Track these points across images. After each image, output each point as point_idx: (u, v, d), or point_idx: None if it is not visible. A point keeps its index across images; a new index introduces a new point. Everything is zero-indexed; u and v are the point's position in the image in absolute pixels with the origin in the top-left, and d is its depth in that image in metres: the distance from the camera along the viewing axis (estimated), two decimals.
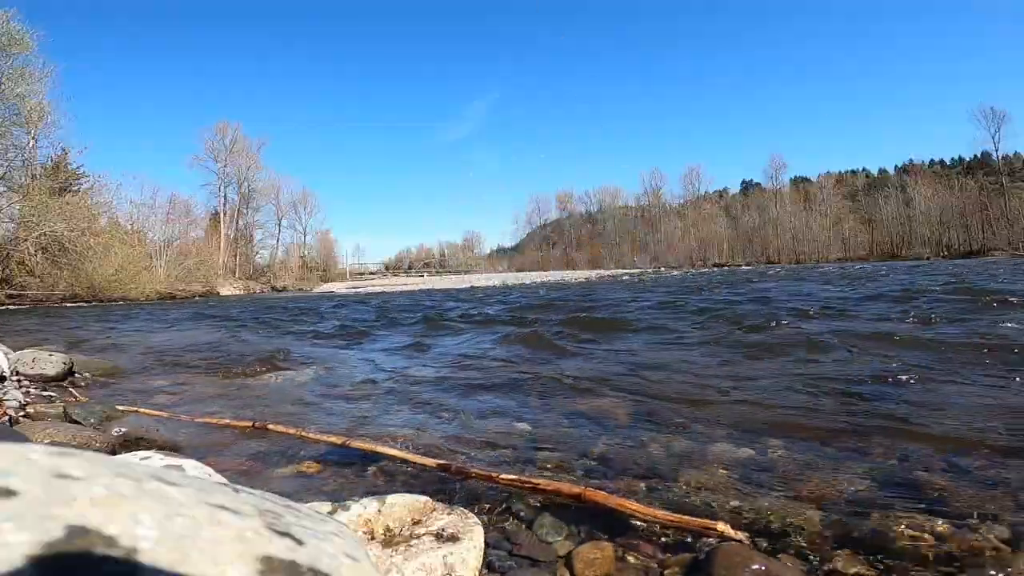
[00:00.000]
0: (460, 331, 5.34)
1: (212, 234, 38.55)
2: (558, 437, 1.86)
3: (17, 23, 19.96)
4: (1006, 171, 48.93)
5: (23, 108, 20.40)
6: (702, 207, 65.29)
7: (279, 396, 2.72)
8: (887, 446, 1.59)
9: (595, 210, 75.53)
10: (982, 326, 3.57)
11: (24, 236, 18.35)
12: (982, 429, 1.67)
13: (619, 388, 2.50)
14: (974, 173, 52.11)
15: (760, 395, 2.25)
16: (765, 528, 1.16)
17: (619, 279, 24.21)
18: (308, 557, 0.42)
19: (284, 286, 36.45)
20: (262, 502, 0.50)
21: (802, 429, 1.79)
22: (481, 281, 28.97)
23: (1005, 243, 42.09)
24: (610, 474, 1.51)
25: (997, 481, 1.31)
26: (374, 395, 2.66)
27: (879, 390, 2.22)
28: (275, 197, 46.16)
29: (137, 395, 2.77)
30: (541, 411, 2.22)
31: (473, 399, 2.49)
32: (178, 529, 0.37)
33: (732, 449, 1.64)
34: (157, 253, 28.45)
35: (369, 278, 54.17)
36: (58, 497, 0.35)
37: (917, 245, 49.27)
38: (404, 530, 1.00)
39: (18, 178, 20.52)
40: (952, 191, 49.73)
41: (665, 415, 2.04)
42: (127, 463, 0.46)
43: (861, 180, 63.09)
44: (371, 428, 2.07)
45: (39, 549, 0.31)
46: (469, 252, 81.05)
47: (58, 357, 3.23)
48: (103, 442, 1.82)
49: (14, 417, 2.15)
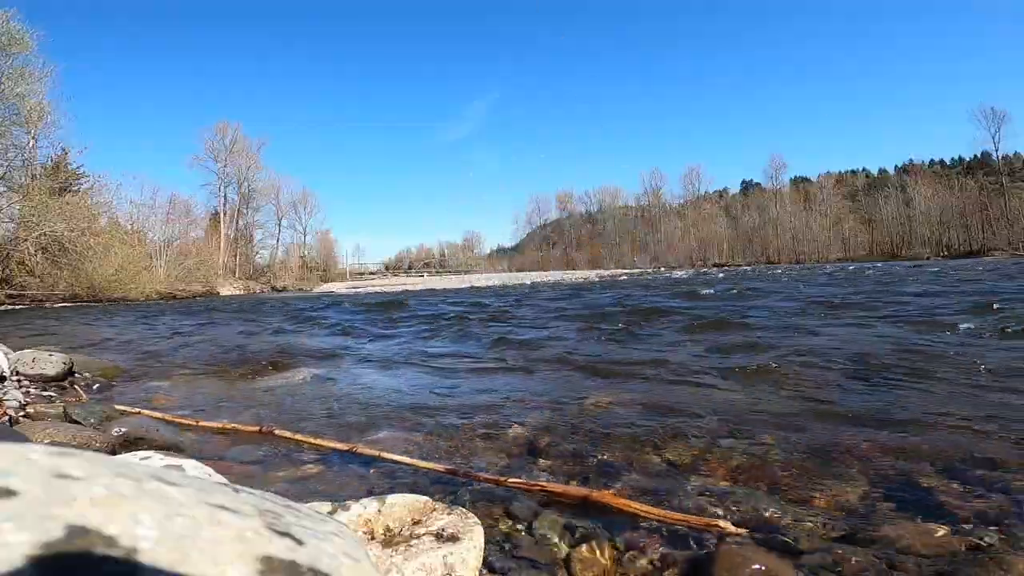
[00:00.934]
0: (457, 331, 5.34)
1: (212, 234, 38.53)
2: (564, 437, 1.86)
3: (17, 23, 19.98)
4: (1006, 171, 48.93)
5: (23, 108, 20.39)
6: (702, 207, 65.29)
7: (280, 397, 2.72)
8: (891, 448, 1.59)
9: (595, 210, 75.55)
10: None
11: (24, 236, 18.34)
12: (983, 432, 1.67)
13: (630, 386, 2.50)
14: (974, 173, 52.11)
15: (761, 395, 2.25)
16: (765, 528, 1.16)
17: (618, 279, 24.19)
18: (308, 557, 0.42)
19: (284, 286, 36.43)
20: (262, 502, 0.49)
21: (807, 430, 1.79)
22: (481, 281, 28.98)
23: (1005, 243, 42.09)
24: (614, 473, 1.51)
25: (998, 482, 1.31)
26: (375, 395, 2.66)
27: (884, 391, 2.22)
28: (275, 197, 46.17)
29: (137, 395, 2.77)
30: (550, 411, 2.22)
31: (480, 397, 2.49)
32: (178, 529, 0.37)
33: (733, 449, 1.64)
34: (157, 253, 28.42)
35: (369, 278, 54.17)
36: (58, 497, 0.35)
37: (917, 245, 49.28)
38: (404, 530, 1.00)
39: (18, 178, 20.50)
40: (952, 191, 49.74)
41: (667, 414, 2.04)
42: (127, 463, 0.46)
43: (861, 180, 63.10)
44: (374, 429, 2.07)
45: (39, 549, 0.31)
46: (469, 252, 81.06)
47: (58, 357, 3.23)
48: (103, 442, 1.82)
49: (14, 417, 2.15)
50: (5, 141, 19.49)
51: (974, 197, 48.02)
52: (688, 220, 64.47)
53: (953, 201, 48.88)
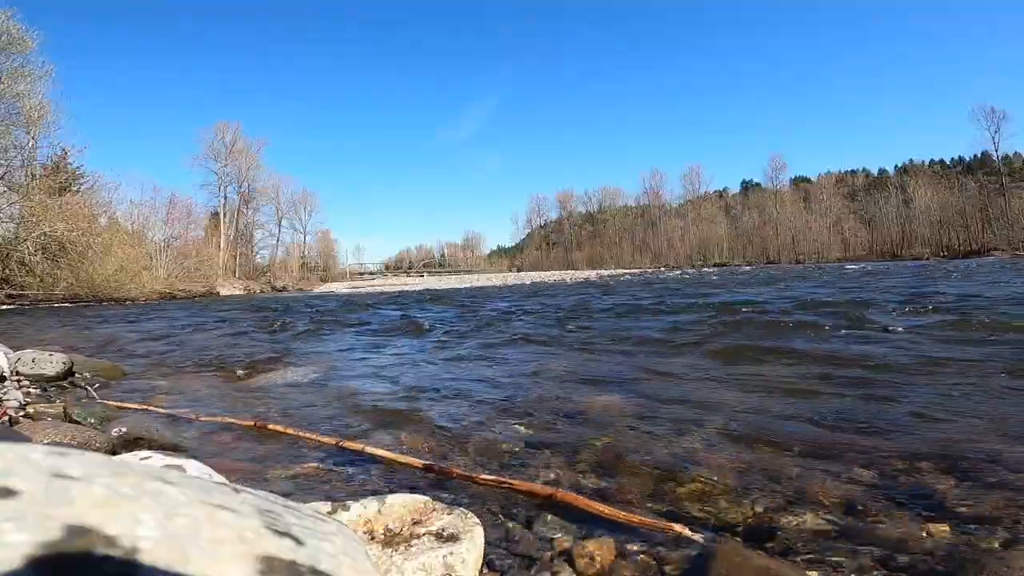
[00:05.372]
0: (453, 329, 5.33)
1: (212, 234, 38.52)
2: (552, 436, 1.86)
3: (17, 22, 19.97)
4: (1006, 171, 48.91)
5: (23, 107, 20.38)
6: (702, 207, 65.27)
7: (278, 396, 2.72)
8: (886, 447, 1.59)
9: (595, 210, 75.52)
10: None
11: (24, 236, 18.33)
12: (982, 431, 1.67)
13: (622, 389, 2.50)
14: (974, 173, 52.13)
15: (762, 394, 2.25)
16: (765, 528, 1.16)
17: (618, 279, 24.20)
18: (308, 557, 0.42)
19: (284, 286, 36.40)
20: (262, 502, 0.50)
21: (801, 430, 1.79)
22: (481, 281, 28.98)
23: (1005, 243, 42.08)
24: (602, 473, 1.51)
25: (998, 482, 1.31)
26: (373, 394, 2.66)
27: (884, 390, 2.22)
28: (275, 197, 46.21)
29: (137, 395, 2.77)
30: (542, 411, 2.22)
31: (474, 395, 2.49)
32: (178, 529, 0.37)
33: (732, 448, 1.64)
34: (157, 253, 28.40)
35: (369, 278, 54.21)
36: (58, 497, 0.35)
37: (917, 245, 49.28)
38: (404, 530, 1.00)
39: (18, 178, 20.50)
40: (952, 191, 49.74)
41: (664, 414, 2.04)
42: (127, 463, 0.46)
43: (861, 180, 63.09)
44: (370, 427, 2.07)
45: (39, 549, 0.31)
46: (469, 252, 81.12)
47: (58, 357, 3.23)
48: (103, 442, 1.82)
49: (14, 417, 2.15)
50: (5, 141, 19.48)
51: (974, 197, 48.01)
52: (688, 220, 64.47)
53: (953, 201, 48.88)
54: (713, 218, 63.20)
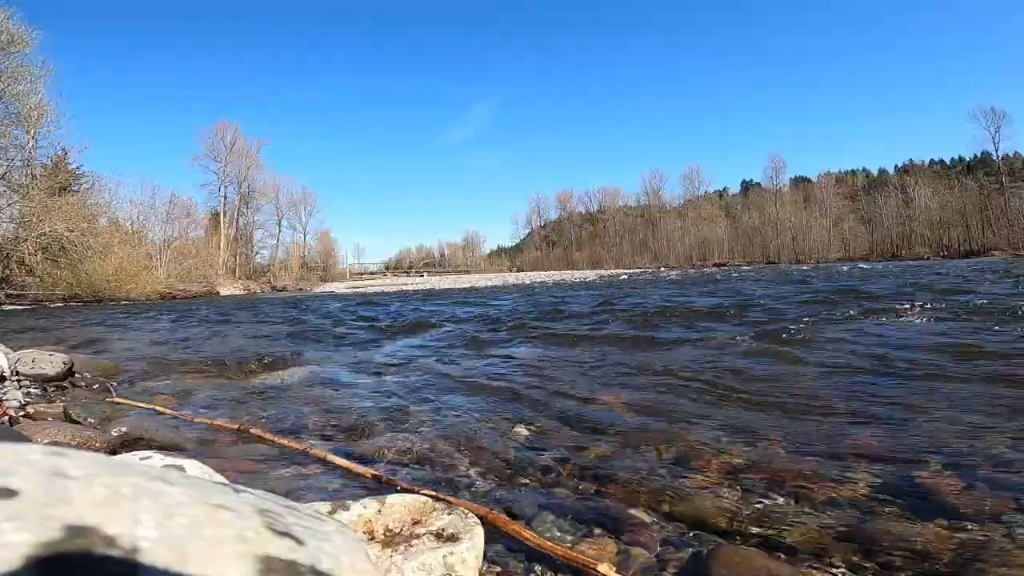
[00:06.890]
0: (449, 330, 5.34)
1: (212, 234, 38.51)
2: (551, 441, 1.86)
3: (16, 21, 19.97)
4: (1006, 171, 48.87)
5: (23, 107, 20.38)
6: (702, 207, 65.26)
7: (276, 396, 2.72)
8: (884, 446, 1.59)
9: (595, 210, 75.52)
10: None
11: (24, 236, 18.34)
12: (982, 428, 1.67)
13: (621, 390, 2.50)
14: (974, 173, 52.06)
15: (761, 394, 2.25)
16: (764, 528, 1.16)
17: (618, 278, 24.21)
18: (308, 557, 0.42)
19: (284, 286, 36.40)
20: (262, 502, 0.50)
21: (801, 430, 1.79)
22: (481, 281, 29.00)
23: (1005, 243, 42.08)
24: (603, 479, 1.51)
25: (998, 481, 1.31)
26: (369, 395, 2.67)
27: (880, 388, 2.22)
28: (275, 197, 46.19)
29: (137, 395, 2.77)
30: (542, 415, 2.22)
31: (467, 400, 2.49)
32: (178, 529, 0.37)
33: (730, 448, 1.64)
34: (157, 253, 28.41)
35: (369, 278, 54.19)
36: (58, 497, 0.35)
37: (917, 245, 49.27)
38: (404, 530, 1.00)
39: (18, 178, 20.50)
40: (952, 191, 49.71)
41: (663, 412, 2.04)
42: (127, 463, 0.46)
43: (861, 180, 63.04)
44: (366, 427, 2.07)
45: (39, 549, 0.31)
46: (469, 252, 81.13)
47: (58, 357, 3.23)
48: (103, 442, 1.82)
49: (14, 417, 2.15)
50: (5, 140, 19.49)
51: (974, 197, 47.99)
52: (688, 220, 64.45)
53: (953, 201, 48.86)
54: (713, 218, 63.17)
